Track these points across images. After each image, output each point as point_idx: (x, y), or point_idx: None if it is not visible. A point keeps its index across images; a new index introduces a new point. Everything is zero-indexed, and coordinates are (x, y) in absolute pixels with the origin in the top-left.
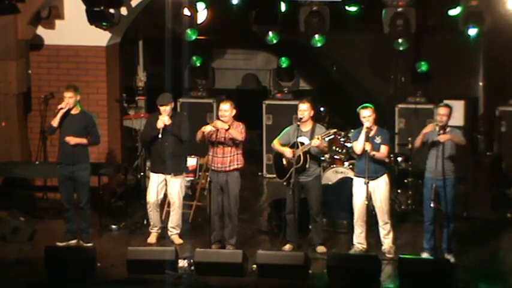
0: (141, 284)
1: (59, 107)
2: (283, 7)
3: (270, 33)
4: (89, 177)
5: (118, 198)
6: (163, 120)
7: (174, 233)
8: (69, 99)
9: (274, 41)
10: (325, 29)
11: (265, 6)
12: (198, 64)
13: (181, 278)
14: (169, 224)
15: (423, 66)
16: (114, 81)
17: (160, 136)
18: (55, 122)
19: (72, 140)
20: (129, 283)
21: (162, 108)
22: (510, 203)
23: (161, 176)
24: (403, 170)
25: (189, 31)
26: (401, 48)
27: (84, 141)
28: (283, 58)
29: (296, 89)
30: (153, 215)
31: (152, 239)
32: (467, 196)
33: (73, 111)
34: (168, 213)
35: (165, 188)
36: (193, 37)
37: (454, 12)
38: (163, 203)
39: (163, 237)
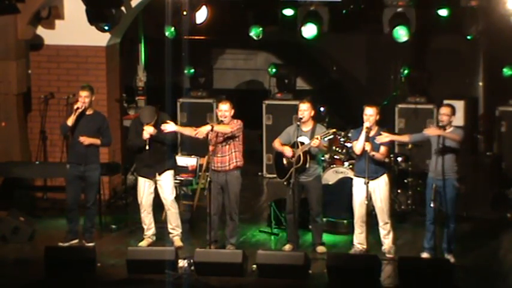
0: (141, 284)
1: (75, 106)
2: (290, 12)
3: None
4: (99, 177)
5: (118, 198)
6: (149, 131)
7: (174, 234)
8: (85, 99)
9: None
10: (324, 29)
11: (265, 7)
12: (191, 73)
13: (181, 278)
14: (169, 226)
15: (405, 71)
16: (114, 81)
17: (147, 148)
18: (70, 122)
19: (86, 140)
20: (129, 283)
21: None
22: (510, 203)
23: (148, 180)
24: (403, 170)
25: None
26: (405, 39)
27: (97, 141)
28: (271, 66)
29: (296, 88)
30: (146, 218)
31: (143, 244)
32: (467, 196)
33: (87, 112)
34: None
35: (155, 188)
36: (172, 35)
37: (442, 13)
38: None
39: (161, 238)
